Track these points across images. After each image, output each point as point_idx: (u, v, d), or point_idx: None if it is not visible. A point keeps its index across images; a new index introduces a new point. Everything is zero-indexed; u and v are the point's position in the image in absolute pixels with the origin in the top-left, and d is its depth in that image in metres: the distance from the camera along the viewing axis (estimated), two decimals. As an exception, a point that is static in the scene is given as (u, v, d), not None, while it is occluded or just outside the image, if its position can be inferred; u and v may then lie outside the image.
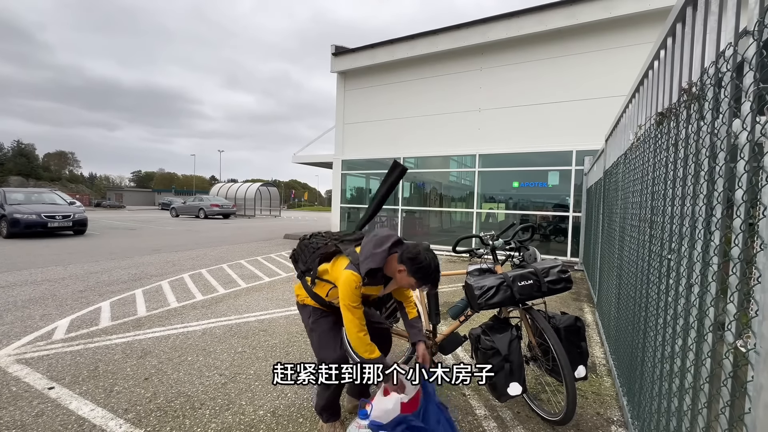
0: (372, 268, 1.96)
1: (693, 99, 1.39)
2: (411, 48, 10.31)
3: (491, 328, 2.28)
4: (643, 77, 2.33)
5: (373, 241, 2.05)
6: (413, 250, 1.98)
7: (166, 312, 4.40)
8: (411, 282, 2.01)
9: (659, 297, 1.72)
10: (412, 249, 1.99)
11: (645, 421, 1.91)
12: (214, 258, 8.35)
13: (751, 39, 0.95)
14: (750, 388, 0.89)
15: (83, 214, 12.37)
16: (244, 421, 2.29)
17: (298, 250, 2.37)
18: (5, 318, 4.04)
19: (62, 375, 2.81)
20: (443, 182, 11.24)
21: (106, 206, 43.62)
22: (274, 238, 13.08)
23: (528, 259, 2.70)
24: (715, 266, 1.14)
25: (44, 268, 6.74)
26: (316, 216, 35.05)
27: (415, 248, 1.99)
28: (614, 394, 2.72)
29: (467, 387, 2.79)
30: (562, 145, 8.55)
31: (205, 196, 27.92)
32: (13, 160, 58.12)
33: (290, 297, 5.25)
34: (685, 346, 1.36)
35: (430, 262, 1.96)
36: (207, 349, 3.34)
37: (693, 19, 1.49)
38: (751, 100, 0.95)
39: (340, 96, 11.94)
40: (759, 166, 0.94)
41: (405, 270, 1.97)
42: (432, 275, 1.99)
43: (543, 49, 8.85)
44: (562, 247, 8.78)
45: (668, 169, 1.67)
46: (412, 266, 1.95)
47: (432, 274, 1.98)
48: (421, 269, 1.95)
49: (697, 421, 1.23)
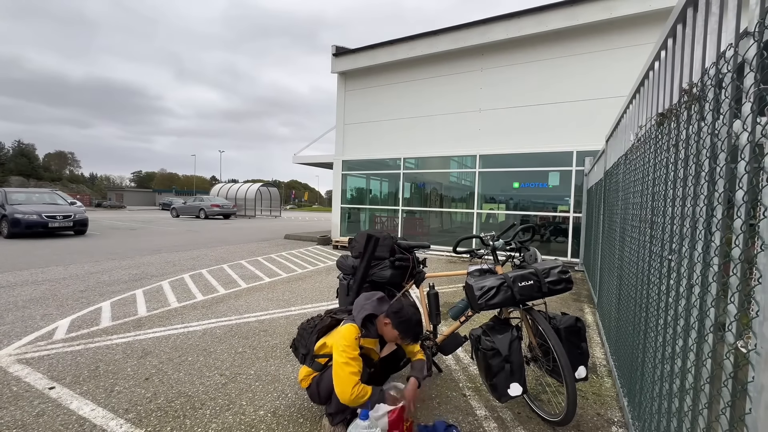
0: (368, 314, 2.17)
1: (694, 100, 1.39)
2: (411, 48, 10.32)
3: (492, 329, 2.28)
4: (643, 78, 2.33)
5: (362, 297, 2.34)
6: (397, 305, 2.20)
7: (166, 312, 4.40)
8: (395, 335, 2.19)
9: (660, 298, 1.72)
10: (396, 304, 2.22)
11: (645, 422, 1.91)
12: (215, 258, 8.35)
13: (752, 40, 0.96)
14: (751, 389, 0.89)
15: (84, 215, 12.38)
16: (244, 421, 2.29)
17: (297, 337, 2.49)
18: (6, 318, 4.04)
19: (63, 375, 2.82)
20: (443, 183, 11.24)
21: (106, 206, 43.69)
22: (275, 238, 13.09)
23: (528, 259, 2.70)
24: (716, 267, 1.14)
25: (45, 268, 6.75)
26: (316, 216, 35.06)
27: (399, 303, 2.22)
28: (615, 395, 2.72)
29: (468, 387, 2.79)
30: (563, 146, 8.55)
31: (205, 197, 27.93)
32: (14, 160, 58.21)
33: (290, 297, 5.25)
34: (686, 346, 1.36)
35: (411, 317, 2.16)
36: (207, 350, 3.35)
37: (694, 19, 1.50)
38: (752, 101, 0.95)
39: (341, 96, 11.95)
40: (760, 167, 0.94)
41: (390, 323, 2.16)
42: (413, 328, 2.17)
43: (543, 49, 8.85)
44: (563, 247, 8.78)
45: (669, 170, 1.68)
46: (395, 319, 2.15)
47: (413, 327, 2.17)
48: (403, 322, 2.14)
49: (697, 421, 1.23)
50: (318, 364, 2.23)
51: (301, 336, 2.43)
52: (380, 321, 2.23)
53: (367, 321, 2.21)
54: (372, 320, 2.24)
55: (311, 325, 2.44)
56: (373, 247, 2.84)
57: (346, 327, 2.14)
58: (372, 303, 2.28)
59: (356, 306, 2.30)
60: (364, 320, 2.19)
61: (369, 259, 2.84)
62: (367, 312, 2.21)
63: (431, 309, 2.86)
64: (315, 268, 7.54)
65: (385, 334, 2.24)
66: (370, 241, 2.84)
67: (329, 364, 2.19)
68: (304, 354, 2.37)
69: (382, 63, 10.83)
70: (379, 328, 2.24)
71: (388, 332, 2.21)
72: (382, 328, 2.22)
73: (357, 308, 2.27)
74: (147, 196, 63.66)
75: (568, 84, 8.55)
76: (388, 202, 11.77)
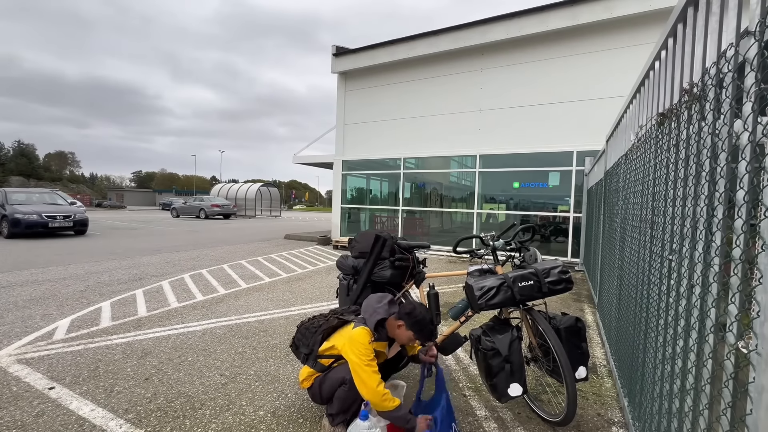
0: (380, 319, 2.17)
1: (694, 99, 1.39)
2: (411, 48, 10.32)
3: (492, 329, 2.28)
4: (644, 78, 2.33)
5: (373, 300, 2.31)
6: (409, 307, 2.21)
7: (166, 312, 4.40)
8: (409, 336, 2.18)
9: (660, 298, 1.71)
10: (407, 306, 2.23)
11: (646, 422, 1.90)
12: (215, 258, 8.35)
13: (753, 39, 0.95)
14: (751, 390, 0.89)
15: (84, 215, 12.39)
16: (244, 421, 2.29)
17: (297, 335, 2.45)
18: (6, 318, 4.04)
19: (63, 375, 2.81)
20: (444, 183, 11.23)
21: (106, 206, 43.72)
22: (275, 238, 13.09)
23: (528, 259, 2.69)
24: (717, 267, 1.14)
25: (45, 268, 6.75)
26: (316, 216, 35.07)
27: (410, 305, 2.23)
28: (615, 395, 2.71)
29: (468, 387, 2.79)
30: (563, 146, 8.55)
31: (205, 197, 27.93)
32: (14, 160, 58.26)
33: (290, 298, 5.25)
34: (687, 347, 1.35)
35: (424, 317, 2.18)
36: (207, 350, 3.34)
37: (694, 19, 1.49)
38: (753, 100, 0.95)
39: (341, 96, 11.95)
40: (760, 167, 0.94)
41: (403, 325, 2.17)
42: (427, 327, 2.18)
43: (544, 49, 8.84)
44: (563, 247, 8.78)
45: (669, 170, 1.67)
46: (409, 320, 2.16)
47: (427, 326, 2.18)
48: (417, 322, 2.15)
49: (698, 422, 1.23)
50: (321, 365, 2.21)
51: (303, 335, 2.38)
52: (391, 324, 2.19)
53: (378, 325, 2.18)
54: (383, 324, 2.20)
55: (315, 324, 2.38)
56: (380, 247, 2.82)
57: (359, 331, 2.10)
58: (384, 306, 2.23)
59: (367, 308, 2.25)
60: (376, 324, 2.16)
61: (375, 260, 2.83)
62: (380, 316, 2.17)
63: (431, 309, 2.85)
64: (315, 268, 7.54)
65: (397, 337, 2.21)
66: (378, 242, 2.81)
67: (333, 366, 2.18)
68: (306, 354, 2.32)
69: (382, 63, 10.83)
70: (390, 331, 2.21)
71: (401, 334, 2.18)
72: (395, 330, 2.19)
73: (368, 311, 2.22)
74: (147, 196, 63.69)
75: (568, 84, 8.54)
76: (388, 202, 11.76)
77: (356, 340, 2.07)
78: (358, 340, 2.06)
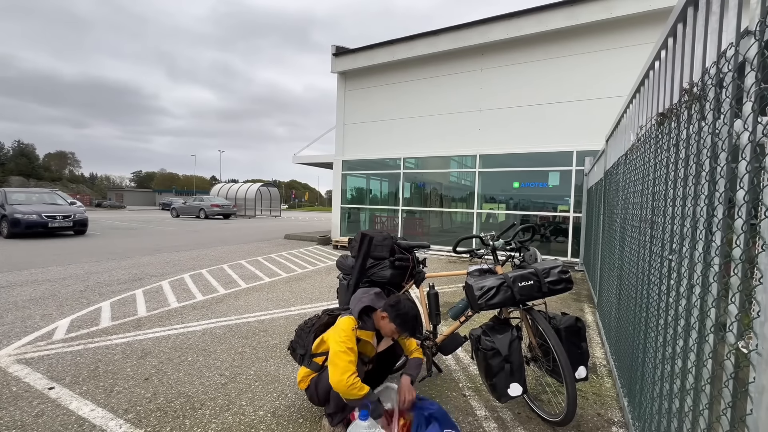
0: (364, 307, 2.20)
1: (694, 99, 1.38)
2: (411, 48, 10.31)
3: (492, 329, 2.28)
4: (644, 77, 2.33)
5: (359, 292, 2.38)
6: (394, 299, 2.22)
7: (166, 312, 4.40)
8: (392, 328, 2.19)
9: (660, 298, 1.71)
10: (393, 298, 2.24)
11: (646, 422, 1.90)
12: (215, 258, 8.35)
13: (753, 39, 0.95)
14: (752, 390, 0.89)
15: (84, 215, 12.38)
16: (244, 421, 2.29)
17: (295, 338, 2.49)
18: (6, 318, 4.04)
19: (62, 375, 2.81)
20: (443, 182, 11.23)
21: (106, 206, 43.69)
22: (275, 238, 13.08)
23: (528, 259, 2.69)
24: (717, 267, 1.14)
25: (45, 268, 6.74)
26: (317, 216, 35.06)
27: (396, 297, 2.24)
28: (615, 395, 2.71)
29: (468, 387, 2.79)
30: (563, 146, 8.55)
31: (205, 197, 27.93)
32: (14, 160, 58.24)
33: (290, 297, 5.25)
34: (687, 347, 1.35)
35: (408, 311, 2.17)
36: (207, 350, 3.34)
37: (694, 19, 1.49)
38: (753, 100, 0.95)
39: (341, 96, 11.94)
40: (761, 167, 0.94)
41: (387, 317, 2.17)
42: (410, 322, 2.17)
43: (543, 49, 8.84)
44: (563, 247, 8.78)
45: (669, 170, 1.67)
46: (392, 312, 2.16)
47: (410, 321, 2.19)
48: (400, 315, 2.15)
49: (698, 422, 1.23)
50: (316, 364, 2.23)
51: (299, 336, 2.44)
52: (377, 315, 2.25)
53: (364, 314, 2.24)
54: (369, 313, 2.26)
55: (308, 325, 2.44)
56: (368, 246, 2.84)
57: (343, 319, 2.17)
58: (369, 296, 2.31)
59: (353, 300, 2.33)
60: (360, 312, 2.21)
61: (364, 258, 2.85)
62: (364, 304, 2.23)
63: (431, 309, 2.85)
64: (315, 268, 7.54)
65: (382, 328, 2.25)
66: (364, 241, 2.85)
67: (326, 364, 2.19)
68: (302, 354, 2.37)
69: (382, 63, 10.82)
70: (376, 322, 2.25)
71: (384, 326, 2.22)
72: (379, 322, 2.23)
73: (354, 301, 2.31)
74: (147, 196, 63.67)
75: (568, 84, 8.54)
76: (388, 202, 11.76)
77: (339, 327, 2.13)
78: (341, 327, 2.12)
